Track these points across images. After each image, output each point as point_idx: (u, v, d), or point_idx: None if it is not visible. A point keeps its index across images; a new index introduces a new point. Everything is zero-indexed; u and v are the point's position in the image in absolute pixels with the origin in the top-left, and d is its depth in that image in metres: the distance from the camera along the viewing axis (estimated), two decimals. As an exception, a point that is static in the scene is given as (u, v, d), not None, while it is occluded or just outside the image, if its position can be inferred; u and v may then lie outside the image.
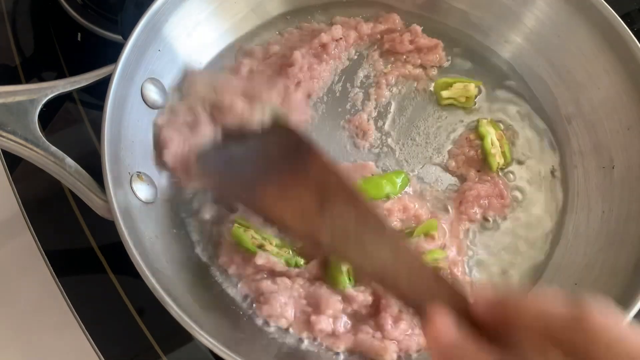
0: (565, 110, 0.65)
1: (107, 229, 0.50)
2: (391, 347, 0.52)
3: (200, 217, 0.58)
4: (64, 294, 0.57)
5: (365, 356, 0.53)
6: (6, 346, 0.59)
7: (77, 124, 0.67)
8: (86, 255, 0.60)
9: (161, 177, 0.57)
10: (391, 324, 0.52)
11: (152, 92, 0.57)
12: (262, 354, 0.51)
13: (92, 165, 0.51)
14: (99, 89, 0.53)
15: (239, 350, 0.46)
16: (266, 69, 0.65)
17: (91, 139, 0.66)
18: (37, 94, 0.52)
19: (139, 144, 0.55)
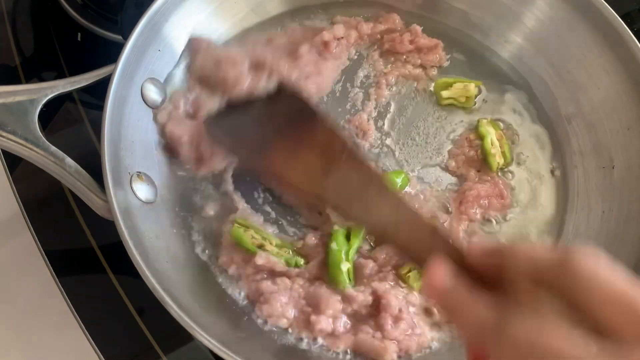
0: (565, 110, 0.65)
1: (107, 229, 0.50)
2: (391, 347, 0.52)
3: (200, 217, 0.58)
4: (64, 294, 0.57)
5: (365, 356, 0.53)
6: (6, 346, 0.59)
7: (77, 124, 0.67)
8: (86, 255, 0.61)
9: (161, 177, 0.57)
10: (391, 324, 0.52)
11: (152, 92, 0.58)
12: (262, 353, 0.51)
13: (92, 165, 0.51)
14: (99, 89, 0.53)
15: (239, 350, 0.46)
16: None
17: (91, 139, 0.66)
18: (37, 94, 0.52)
19: (139, 144, 0.55)
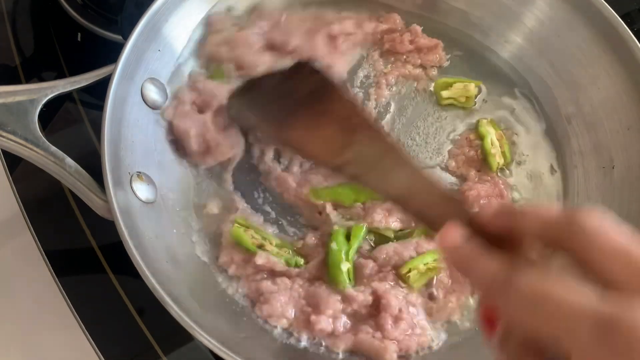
0: (565, 110, 0.65)
1: (107, 229, 0.50)
2: (391, 347, 0.52)
3: (200, 217, 0.58)
4: (64, 294, 0.57)
5: (365, 356, 0.53)
6: (6, 346, 0.59)
7: (77, 124, 0.67)
8: (86, 255, 0.60)
9: (161, 177, 0.57)
10: (391, 324, 0.52)
11: (152, 92, 0.57)
12: (262, 353, 0.51)
13: (92, 165, 0.51)
14: (99, 89, 0.53)
15: (239, 350, 0.46)
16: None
17: (91, 139, 0.66)
18: (37, 94, 0.52)
19: (139, 144, 0.55)
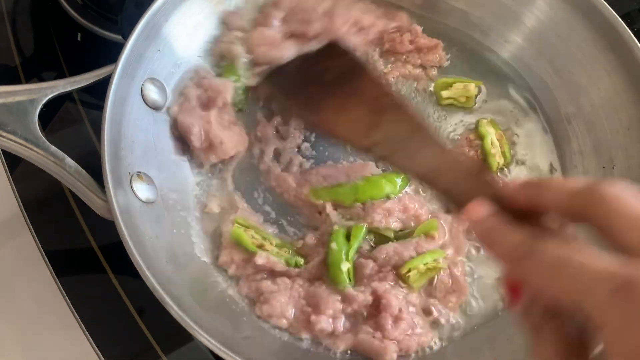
0: (565, 110, 0.65)
1: (107, 229, 0.50)
2: (391, 347, 0.52)
3: (200, 217, 0.58)
4: (64, 294, 0.57)
5: (365, 356, 0.53)
6: (6, 346, 0.59)
7: (77, 124, 0.67)
8: (86, 255, 0.60)
9: (161, 176, 0.57)
10: (391, 324, 0.52)
11: (152, 92, 0.57)
12: (262, 354, 0.51)
13: (92, 165, 0.51)
14: (99, 89, 0.53)
15: (239, 350, 0.46)
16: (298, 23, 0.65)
17: (91, 139, 0.66)
18: (37, 94, 0.52)
19: (139, 144, 0.55)
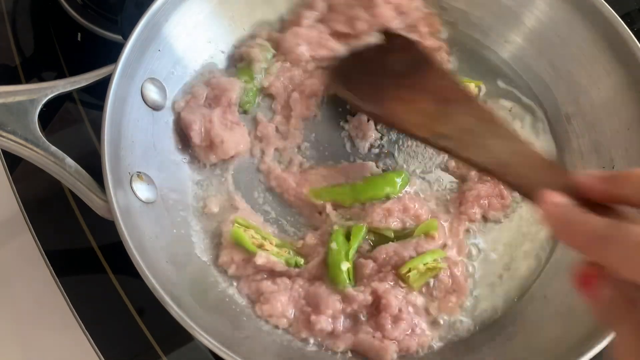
0: (565, 110, 0.65)
1: (107, 229, 0.50)
2: (391, 347, 0.52)
3: (200, 217, 0.58)
4: (64, 294, 0.57)
5: (365, 356, 0.53)
6: (6, 346, 0.59)
7: (77, 124, 0.67)
8: (86, 255, 0.61)
9: (161, 177, 0.57)
10: (391, 324, 0.52)
11: (152, 92, 0.57)
12: (262, 354, 0.51)
13: (92, 165, 0.51)
14: (99, 89, 0.53)
15: (239, 350, 0.46)
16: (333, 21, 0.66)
17: (91, 139, 0.66)
18: (37, 94, 0.52)
19: (139, 144, 0.55)
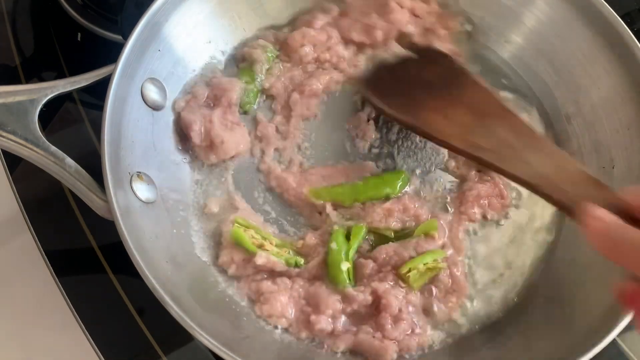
0: (565, 110, 0.65)
1: (107, 229, 0.50)
2: (391, 347, 0.52)
3: (200, 217, 0.58)
4: (64, 294, 0.57)
5: (365, 356, 0.53)
6: (6, 346, 0.59)
7: (77, 124, 0.67)
8: (86, 255, 0.61)
9: (161, 177, 0.57)
10: (391, 324, 0.52)
11: (152, 92, 0.57)
12: (262, 354, 0.51)
13: (92, 165, 0.51)
14: (99, 89, 0.53)
15: (239, 350, 0.46)
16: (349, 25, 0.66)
17: (91, 139, 0.66)
18: (37, 94, 0.52)
19: (139, 144, 0.55)
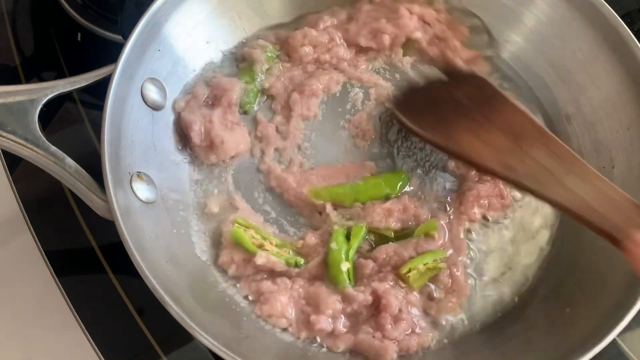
0: (565, 110, 0.65)
1: (107, 229, 0.50)
2: (391, 347, 0.52)
3: (200, 217, 0.58)
4: (64, 294, 0.57)
5: (365, 356, 0.53)
6: (6, 346, 0.59)
7: (77, 124, 0.67)
8: (86, 255, 0.61)
9: (161, 177, 0.57)
10: (391, 324, 0.52)
11: (152, 92, 0.57)
12: (262, 353, 0.51)
13: (92, 165, 0.51)
14: (99, 89, 0.53)
15: (239, 350, 0.46)
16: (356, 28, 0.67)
17: (91, 139, 0.66)
18: (37, 94, 0.52)
19: (139, 144, 0.55)
